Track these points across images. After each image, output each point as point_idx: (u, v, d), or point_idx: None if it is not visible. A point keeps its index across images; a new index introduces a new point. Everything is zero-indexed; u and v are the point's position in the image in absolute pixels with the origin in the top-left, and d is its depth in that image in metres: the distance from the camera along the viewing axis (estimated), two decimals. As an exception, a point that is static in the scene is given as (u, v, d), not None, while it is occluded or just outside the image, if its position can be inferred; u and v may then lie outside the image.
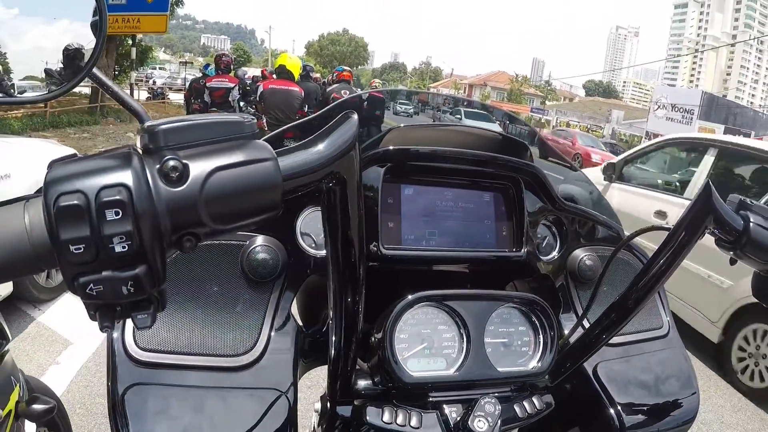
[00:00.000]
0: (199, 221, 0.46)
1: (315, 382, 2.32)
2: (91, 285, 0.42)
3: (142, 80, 26.13)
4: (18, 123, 11.59)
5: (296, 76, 7.20)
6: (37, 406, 1.26)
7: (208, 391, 0.83)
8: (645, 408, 1.07)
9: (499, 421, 0.86)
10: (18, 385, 1.35)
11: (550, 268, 1.16)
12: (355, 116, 0.59)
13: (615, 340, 1.00)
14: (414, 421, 0.88)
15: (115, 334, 0.82)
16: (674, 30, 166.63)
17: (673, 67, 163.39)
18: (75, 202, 0.40)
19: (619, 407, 1.03)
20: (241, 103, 8.99)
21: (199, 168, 0.45)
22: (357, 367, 0.90)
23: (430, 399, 0.91)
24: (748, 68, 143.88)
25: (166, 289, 0.47)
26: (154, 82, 34.40)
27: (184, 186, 0.45)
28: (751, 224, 0.75)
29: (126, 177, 0.42)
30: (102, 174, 0.42)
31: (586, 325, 1.00)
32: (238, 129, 0.49)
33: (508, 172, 1.10)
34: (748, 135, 30.90)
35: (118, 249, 0.41)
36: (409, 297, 0.88)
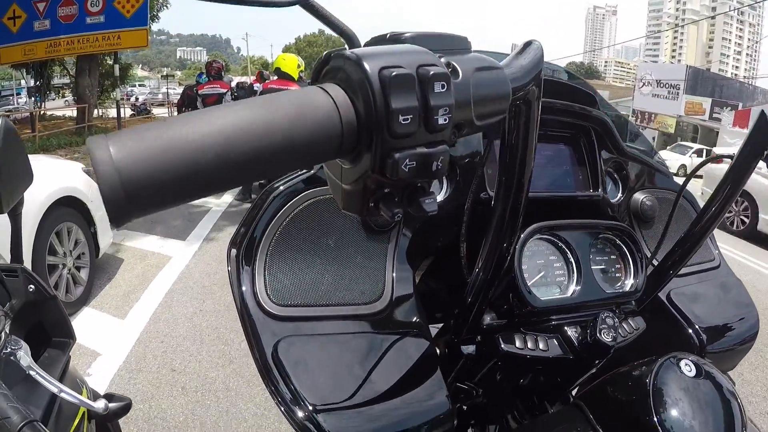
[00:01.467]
0: (469, 113, 0.48)
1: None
2: (407, 160, 0.43)
3: (123, 98, 26.02)
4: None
5: (296, 74, 7.18)
6: (113, 405, 1.25)
7: (350, 338, 0.87)
8: (717, 326, 1.19)
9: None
10: (84, 386, 1.35)
11: (617, 210, 1.26)
12: (539, 42, 0.61)
13: (680, 271, 1.10)
14: (542, 345, 0.96)
15: (245, 288, 0.87)
16: (653, 6, 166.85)
17: (654, 43, 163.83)
18: (407, 71, 0.42)
19: (696, 327, 1.15)
20: None
21: (463, 66, 0.48)
22: None
23: (552, 323, 1.00)
24: (730, 40, 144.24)
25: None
26: (137, 99, 34.39)
27: (459, 79, 0.47)
28: None
29: (433, 59, 0.44)
30: (412, 54, 0.44)
31: (654, 262, 1.12)
32: (464, 43, 0.52)
33: (579, 121, 1.19)
34: (735, 107, 30.86)
35: (441, 121, 0.43)
36: (530, 228, 0.98)
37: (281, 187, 0.92)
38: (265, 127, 0.39)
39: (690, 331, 1.15)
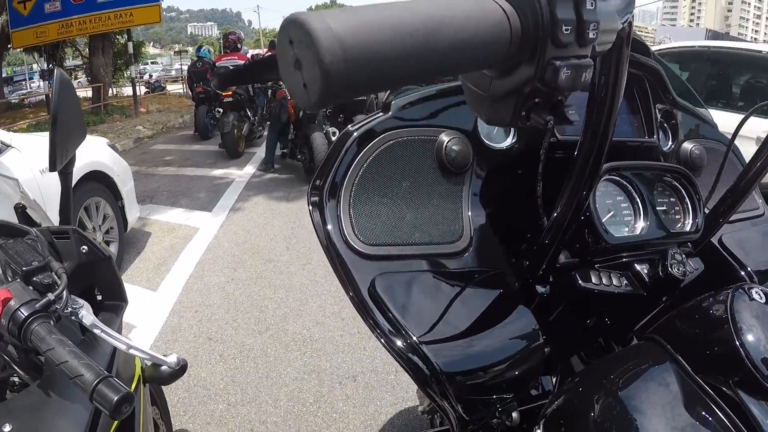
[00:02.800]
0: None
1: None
2: (565, 68, 0.47)
3: (137, 76, 26.09)
4: (27, 131, 11.55)
5: None
6: (166, 368, 1.22)
7: (439, 275, 0.94)
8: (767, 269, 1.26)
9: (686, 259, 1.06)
10: None
11: (668, 158, 1.32)
12: None
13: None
14: (615, 281, 1.03)
15: (331, 229, 0.92)
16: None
17: (672, 7, 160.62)
18: None
19: (748, 269, 1.22)
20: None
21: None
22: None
23: (623, 260, 1.07)
24: (749, 3, 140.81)
25: None
26: (150, 76, 34.53)
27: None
28: None
29: None
30: None
31: (706, 209, 1.18)
32: None
33: (634, 70, 1.22)
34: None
35: (590, 35, 0.48)
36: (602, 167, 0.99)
37: (355, 133, 0.97)
38: (458, 23, 0.43)
39: (742, 272, 1.22)
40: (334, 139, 7.10)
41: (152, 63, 57.47)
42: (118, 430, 1.02)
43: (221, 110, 8.87)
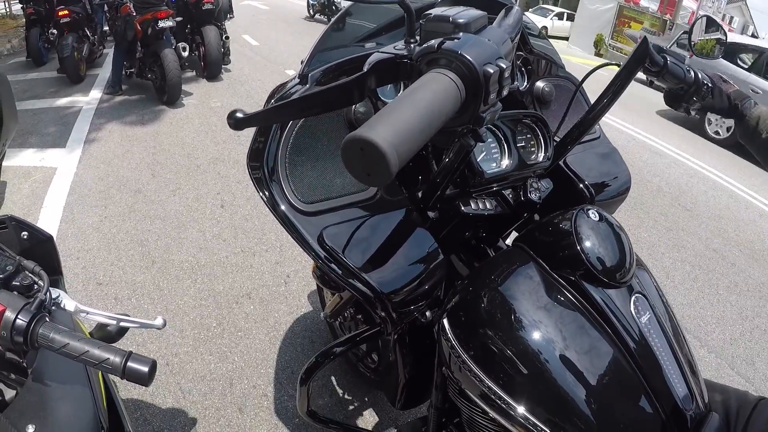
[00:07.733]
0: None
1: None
2: (488, 116, 0.80)
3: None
4: None
5: None
6: (113, 327, 1.27)
7: (363, 218, 1.19)
8: (602, 182, 1.62)
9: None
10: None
11: (524, 95, 1.64)
12: (517, 8, 1.10)
13: None
14: (488, 205, 1.39)
15: (277, 197, 1.12)
16: None
17: None
18: (496, 69, 0.76)
19: (587, 183, 1.57)
20: None
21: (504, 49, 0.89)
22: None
23: (493, 189, 1.41)
24: None
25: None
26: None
27: None
28: (668, 62, 1.26)
29: (500, 51, 0.82)
30: (493, 49, 0.80)
31: (556, 138, 1.50)
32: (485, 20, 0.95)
33: None
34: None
35: (504, 92, 0.82)
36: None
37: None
38: (441, 107, 0.71)
39: (581, 186, 1.56)
40: (185, 54, 6.76)
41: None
42: (105, 389, 1.10)
43: (55, 31, 7.98)
